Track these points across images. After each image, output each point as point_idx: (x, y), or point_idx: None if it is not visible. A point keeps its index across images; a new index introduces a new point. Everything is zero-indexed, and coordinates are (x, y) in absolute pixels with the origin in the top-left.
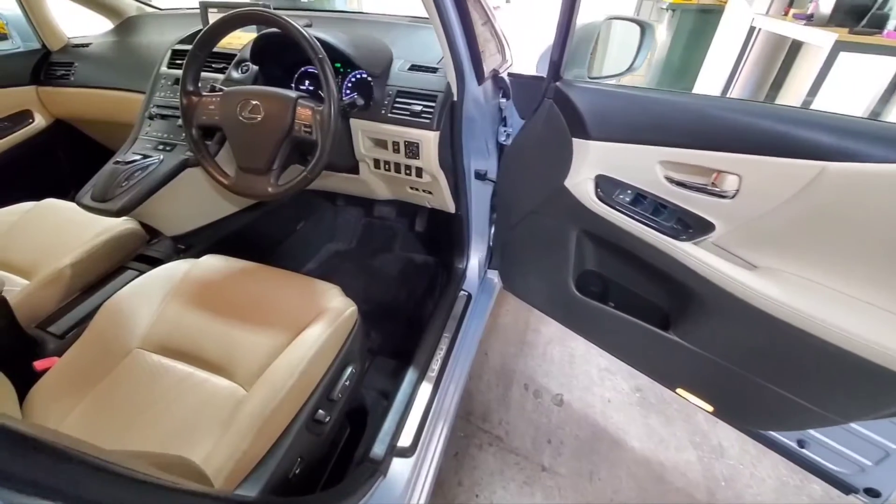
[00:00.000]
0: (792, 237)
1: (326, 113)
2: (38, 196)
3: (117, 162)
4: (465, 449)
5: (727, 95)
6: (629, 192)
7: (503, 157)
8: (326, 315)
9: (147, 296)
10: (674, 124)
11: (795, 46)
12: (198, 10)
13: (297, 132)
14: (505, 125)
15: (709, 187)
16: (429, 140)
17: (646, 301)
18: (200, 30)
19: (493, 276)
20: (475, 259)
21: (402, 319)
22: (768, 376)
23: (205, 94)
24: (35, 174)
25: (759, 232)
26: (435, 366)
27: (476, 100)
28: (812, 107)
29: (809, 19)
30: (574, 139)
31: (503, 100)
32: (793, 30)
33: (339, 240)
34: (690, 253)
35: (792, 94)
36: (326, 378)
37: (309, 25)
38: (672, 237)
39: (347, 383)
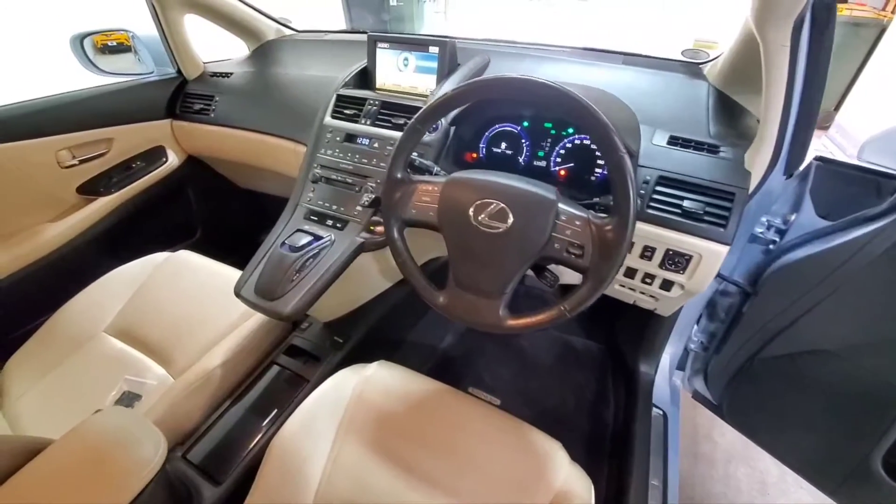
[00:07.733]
0: None
1: (618, 230)
2: (166, 239)
3: (283, 245)
4: None
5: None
6: None
7: (786, 266)
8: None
9: (317, 430)
10: None
11: None
12: (341, 35)
13: (558, 252)
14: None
15: None
16: (715, 256)
17: None
18: (364, 68)
19: (676, 378)
20: (665, 360)
21: (580, 438)
22: None
23: (417, 178)
24: (164, 216)
25: None
26: None
27: (769, 191)
28: None
29: None
30: None
31: None
32: None
33: None
34: None
35: None
36: None
37: (487, 62)
38: None
39: None
